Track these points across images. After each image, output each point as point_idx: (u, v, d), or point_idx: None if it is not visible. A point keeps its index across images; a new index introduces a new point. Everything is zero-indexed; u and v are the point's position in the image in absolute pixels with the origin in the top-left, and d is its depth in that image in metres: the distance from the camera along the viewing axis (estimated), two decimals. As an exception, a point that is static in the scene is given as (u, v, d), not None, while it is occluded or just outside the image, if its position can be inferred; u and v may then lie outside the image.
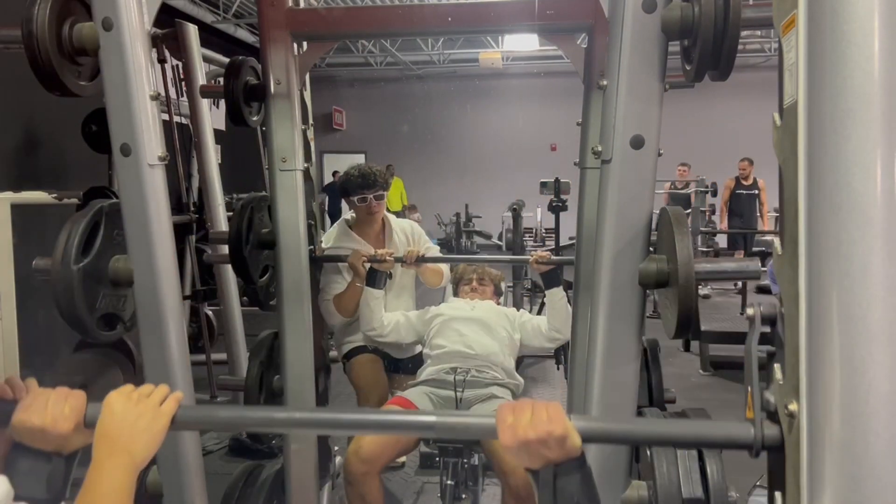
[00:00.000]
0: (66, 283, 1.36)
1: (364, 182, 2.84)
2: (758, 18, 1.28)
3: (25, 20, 1.35)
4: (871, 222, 0.72)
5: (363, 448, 2.17)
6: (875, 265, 0.72)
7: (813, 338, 0.77)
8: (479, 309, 2.72)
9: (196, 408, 1.40)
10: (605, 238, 1.34)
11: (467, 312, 2.69)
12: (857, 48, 0.73)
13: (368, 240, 2.88)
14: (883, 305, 0.72)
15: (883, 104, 0.72)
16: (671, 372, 1.71)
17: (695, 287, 1.20)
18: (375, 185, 2.85)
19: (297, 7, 1.81)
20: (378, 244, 2.86)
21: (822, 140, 0.75)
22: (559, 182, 5.20)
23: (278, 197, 1.83)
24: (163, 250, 1.45)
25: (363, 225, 2.92)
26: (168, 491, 1.53)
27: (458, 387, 2.39)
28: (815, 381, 0.76)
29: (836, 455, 0.74)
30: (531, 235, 11.75)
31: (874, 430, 0.72)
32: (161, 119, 1.47)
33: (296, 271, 1.85)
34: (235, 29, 10.38)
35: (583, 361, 1.63)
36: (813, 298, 0.77)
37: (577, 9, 1.68)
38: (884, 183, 0.72)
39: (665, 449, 1.21)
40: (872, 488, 0.72)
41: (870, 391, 0.72)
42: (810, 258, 0.77)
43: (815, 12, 0.77)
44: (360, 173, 2.88)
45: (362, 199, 2.85)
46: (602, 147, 1.34)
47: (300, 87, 1.87)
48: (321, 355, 2.09)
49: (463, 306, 2.75)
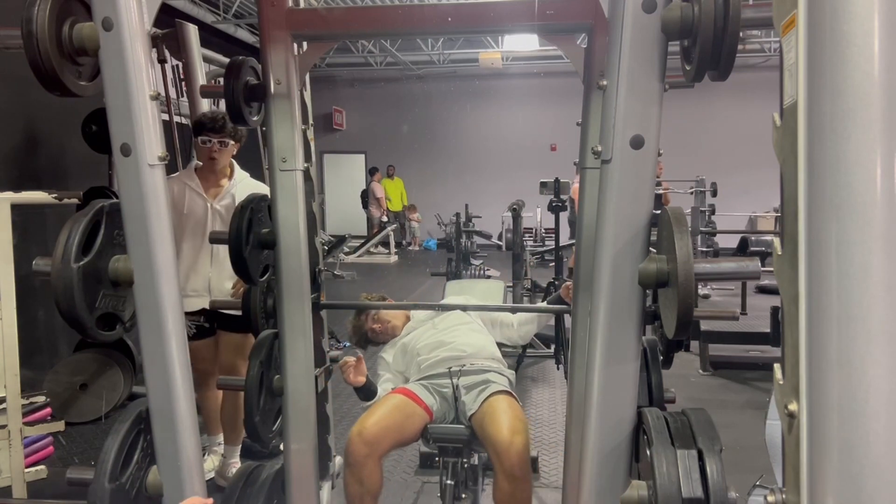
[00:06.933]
0: (66, 282, 1.36)
1: (212, 125, 2.94)
2: (758, 18, 1.28)
3: (25, 20, 1.35)
4: (871, 222, 0.72)
5: (367, 429, 2.19)
6: (875, 265, 0.72)
7: (813, 338, 0.77)
8: (442, 321, 2.73)
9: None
10: (604, 238, 1.34)
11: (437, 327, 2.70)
12: (857, 48, 0.73)
13: (207, 184, 3.02)
14: (882, 305, 0.72)
15: (883, 104, 0.72)
16: (671, 372, 1.71)
17: (694, 287, 1.20)
18: (222, 131, 2.95)
19: (297, 7, 1.81)
20: (211, 193, 3.01)
21: (822, 140, 0.75)
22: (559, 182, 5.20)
23: (278, 197, 1.83)
24: (163, 250, 1.45)
25: (205, 169, 3.03)
26: (168, 491, 1.53)
27: (454, 377, 2.42)
28: (815, 381, 0.76)
29: (836, 455, 0.74)
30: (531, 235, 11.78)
31: (874, 430, 0.72)
32: (161, 119, 1.47)
33: (296, 271, 1.85)
34: (235, 29, 10.38)
35: (583, 361, 1.63)
36: (813, 298, 0.77)
37: (577, 9, 1.68)
38: (884, 183, 0.72)
39: (665, 449, 1.21)
40: (872, 488, 0.72)
41: (870, 391, 0.72)
42: (810, 258, 0.77)
43: (815, 12, 0.77)
44: (211, 115, 2.99)
45: (205, 142, 2.95)
46: (602, 147, 1.34)
47: (300, 87, 1.87)
48: (321, 355, 2.09)
49: (427, 329, 2.73)
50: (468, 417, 2.34)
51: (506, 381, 2.47)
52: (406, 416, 2.32)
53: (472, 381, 2.43)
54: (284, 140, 1.82)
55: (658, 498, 1.16)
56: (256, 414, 1.90)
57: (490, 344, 2.64)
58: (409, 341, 2.68)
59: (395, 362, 2.70)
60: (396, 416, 2.30)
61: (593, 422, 1.38)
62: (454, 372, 2.46)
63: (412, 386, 2.47)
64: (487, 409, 2.27)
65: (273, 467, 1.98)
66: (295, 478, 1.93)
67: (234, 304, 2.15)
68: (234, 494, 1.83)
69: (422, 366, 2.55)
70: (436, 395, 2.44)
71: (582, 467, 1.40)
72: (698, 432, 1.24)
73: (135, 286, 1.46)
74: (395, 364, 2.70)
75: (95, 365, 4.20)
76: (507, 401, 2.29)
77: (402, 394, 2.40)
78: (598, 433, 1.38)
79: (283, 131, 1.82)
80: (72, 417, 3.97)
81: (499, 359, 2.61)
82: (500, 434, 2.14)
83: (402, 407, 2.34)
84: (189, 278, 3.01)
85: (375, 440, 2.20)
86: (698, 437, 1.23)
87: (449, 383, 2.44)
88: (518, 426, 2.17)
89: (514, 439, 2.12)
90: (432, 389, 2.45)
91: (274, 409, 2.02)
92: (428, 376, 2.50)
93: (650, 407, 1.43)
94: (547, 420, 4.16)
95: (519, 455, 2.11)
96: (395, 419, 2.29)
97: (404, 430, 2.31)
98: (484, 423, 2.24)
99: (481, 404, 2.31)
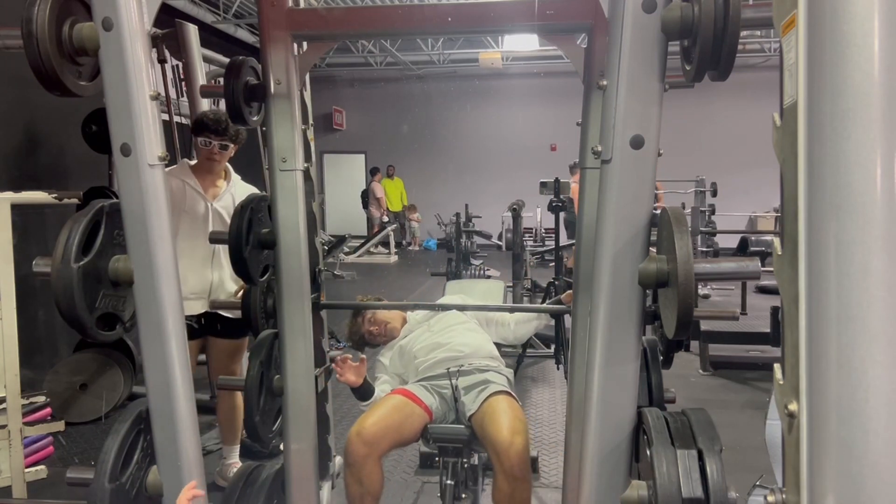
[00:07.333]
0: (66, 282, 1.36)
1: (215, 127, 2.89)
2: (758, 18, 1.28)
3: (25, 20, 1.35)
4: (871, 222, 0.72)
5: (365, 429, 2.19)
6: (875, 265, 0.72)
7: (813, 338, 0.77)
8: (438, 322, 2.73)
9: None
10: (604, 238, 1.34)
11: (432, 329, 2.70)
12: (857, 48, 0.73)
13: (204, 184, 2.97)
14: (882, 305, 0.72)
15: (883, 104, 0.72)
16: (671, 372, 1.71)
17: (694, 287, 1.20)
18: (224, 134, 2.90)
19: (297, 7, 1.81)
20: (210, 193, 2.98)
21: (822, 140, 0.75)
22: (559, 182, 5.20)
23: (278, 197, 1.83)
24: (163, 250, 1.45)
25: (201, 169, 2.99)
26: (168, 491, 1.53)
27: (452, 377, 2.42)
28: (815, 381, 0.76)
29: (836, 455, 0.74)
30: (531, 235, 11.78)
31: (874, 430, 0.72)
32: (161, 119, 1.47)
33: (296, 271, 1.85)
34: (235, 29, 10.38)
35: (583, 361, 1.63)
36: (813, 298, 0.77)
37: (577, 9, 1.68)
38: (884, 183, 0.72)
39: (665, 449, 1.22)
40: (872, 488, 0.72)
41: (870, 391, 0.72)
42: (810, 258, 0.77)
43: (815, 12, 0.77)
44: (214, 117, 2.91)
45: (206, 143, 2.91)
46: (602, 147, 1.34)
47: (300, 87, 1.87)
48: (321, 355, 2.09)
49: (423, 331, 2.72)
50: (468, 418, 2.34)
51: (504, 381, 2.47)
52: (405, 416, 2.32)
53: (471, 381, 2.43)
54: (284, 140, 1.82)
55: (658, 498, 1.16)
56: (256, 414, 1.90)
57: (487, 343, 2.64)
58: (407, 344, 2.68)
59: (393, 365, 2.70)
60: (396, 417, 2.30)
61: (593, 422, 1.38)
62: (452, 373, 2.46)
63: (412, 386, 2.47)
64: (487, 410, 2.27)
65: (273, 467, 1.98)
66: (295, 478, 1.93)
67: (234, 305, 2.15)
68: (234, 494, 1.83)
69: (420, 368, 2.55)
70: (435, 395, 2.44)
71: (582, 467, 1.40)
72: (698, 432, 1.24)
73: (135, 286, 1.46)
74: (392, 367, 2.70)
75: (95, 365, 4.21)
76: (506, 401, 2.29)
77: (401, 394, 2.40)
78: (598, 433, 1.38)
79: (283, 131, 1.82)
80: (72, 417, 3.97)
81: (497, 357, 2.61)
82: (499, 434, 2.14)
83: (401, 407, 2.34)
84: (188, 280, 2.89)
85: (374, 440, 2.20)
86: (698, 437, 1.23)
87: (448, 384, 2.44)
88: (518, 426, 2.17)
89: (513, 440, 2.12)
90: (432, 390, 2.45)
91: (274, 409, 2.02)
92: (427, 377, 2.50)
93: (650, 407, 1.43)
94: (547, 420, 4.16)
95: (519, 455, 2.11)
96: (394, 419, 2.28)
97: (404, 431, 2.31)
98: (484, 424, 2.24)
99: (481, 405, 2.31)
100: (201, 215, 2.96)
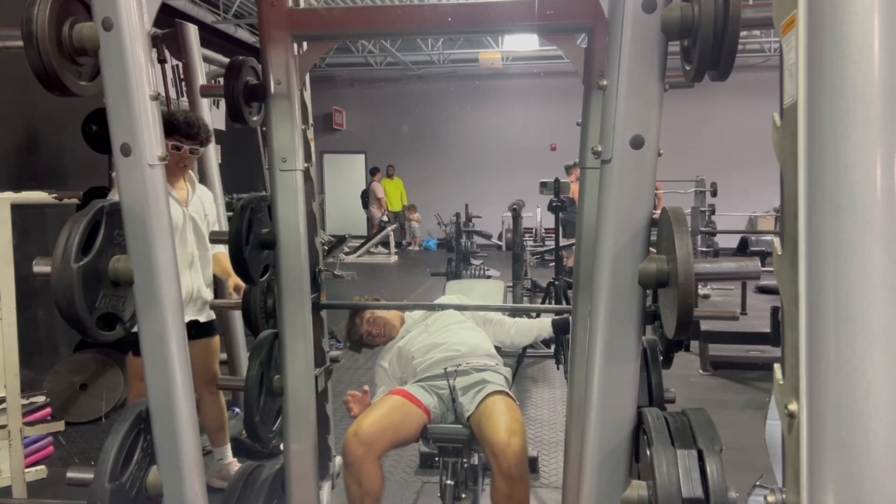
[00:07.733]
0: (66, 282, 1.36)
1: (187, 130, 2.77)
2: (758, 18, 1.28)
3: (25, 20, 1.35)
4: (871, 222, 0.72)
5: (363, 429, 2.19)
6: (875, 265, 0.72)
7: (813, 338, 0.77)
8: (434, 322, 2.73)
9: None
10: (604, 238, 1.34)
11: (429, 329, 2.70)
12: (857, 48, 0.73)
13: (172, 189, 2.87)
14: (882, 305, 0.72)
15: (883, 104, 0.72)
16: (671, 372, 1.71)
17: (694, 287, 1.20)
18: (196, 138, 2.80)
19: (297, 7, 1.81)
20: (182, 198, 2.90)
21: (822, 140, 0.75)
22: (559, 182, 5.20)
23: (278, 197, 1.83)
24: (163, 250, 1.45)
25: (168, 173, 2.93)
26: (168, 491, 1.53)
27: (450, 378, 2.42)
28: (815, 381, 0.76)
29: (836, 455, 0.74)
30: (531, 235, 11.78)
31: (874, 430, 0.72)
32: (161, 119, 1.47)
33: (296, 271, 1.85)
34: (235, 29, 10.39)
35: (583, 361, 1.63)
36: (813, 298, 0.77)
37: (577, 9, 1.68)
38: (884, 183, 0.72)
39: (665, 449, 1.21)
40: (872, 488, 0.72)
41: (870, 391, 0.72)
42: (810, 258, 0.77)
43: (815, 12, 0.77)
44: (185, 120, 2.79)
45: (177, 147, 2.78)
46: (602, 147, 1.34)
47: (300, 87, 1.87)
48: (321, 355, 2.09)
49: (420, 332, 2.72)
50: (466, 418, 2.34)
51: (502, 380, 2.47)
52: (403, 417, 2.32)
53: (468, 381, 2.42)
54: (284, 140, 1.82)
55: (658, 498, 1.16)
56: (256, 414, 1.90)
57: (484, 341, 2.64)
58: (405, 345, 2.68)
59: (392, 368, 2.70)
60: (393, 417, 2.30)
61: (593, 422, 1.38)
62: (450, 373, 2.45)
63: (410, 387, 2.47)
64: (484, 411, 2.27)
65: (273, 467, 1.98)
66: (295, 478, 1.93)
67: (234, 306, 2.15)
68: (234, 494, 1.83)
69: (418, 369, 2.55)
70: (434, 395, 2.44)
71: (582, 467, 1.40)
72: (698, 432, 1.24)
73: (135, 286, 1.46)
74: (392, 370, 2.70)
75: (95, 365, 4.21)
76: (503, 401, 2.29)
77: (399, 394, 2.40)
78: (598, 433, 1.38)
79: (283, 131, 1.82)
80: (72, 417, 3.98)
81: (494, 355, 2.61)
82: (497, 435, 2.14)
83: (399, 407, 2.34)
84: None
85: (372, 440, 2.19)
86: (698, 437, 1.23)
87: (445, 384, 2.43)
88: (515, 427, 2.17)
89: (511, 440, 2.12)
90: (430, 390, 2.45)
91: (274, 409, 2.02)
92: (425, 378, 2.50)
93: (650, 407, 1.43)
94: (547, 420, 4.16)
95: (516, 456, 2.11)
96: (391, 419, 2.29)
97: (401, 431, 2.30)
98: (481, 424, 2.24)
99: (478, 405, 2.30)
100: (179, 223, 2.88)
